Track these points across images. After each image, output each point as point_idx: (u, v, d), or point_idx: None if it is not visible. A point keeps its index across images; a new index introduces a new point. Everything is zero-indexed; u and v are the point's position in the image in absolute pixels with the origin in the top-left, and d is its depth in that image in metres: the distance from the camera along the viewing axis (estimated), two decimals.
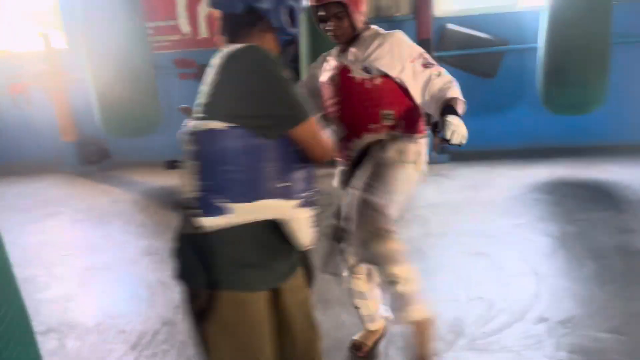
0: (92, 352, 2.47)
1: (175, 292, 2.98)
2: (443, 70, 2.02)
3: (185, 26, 5.65)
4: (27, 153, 6.33)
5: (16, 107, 6.13)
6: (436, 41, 5.25)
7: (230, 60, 1.28)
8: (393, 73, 2.00)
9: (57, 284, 3.19)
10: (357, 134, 2.07)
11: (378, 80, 2.02)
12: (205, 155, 1.30)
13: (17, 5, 6.07)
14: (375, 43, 2.03)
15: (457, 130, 1.81)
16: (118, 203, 4.76)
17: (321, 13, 2.01)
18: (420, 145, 2.11)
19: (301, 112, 1.30)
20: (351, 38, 2.08)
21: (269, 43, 1.39)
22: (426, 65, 2.01)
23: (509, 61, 5.31)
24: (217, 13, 1.42)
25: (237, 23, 1.38)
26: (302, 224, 1.37)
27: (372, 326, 2.29)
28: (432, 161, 5.21)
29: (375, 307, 2.27)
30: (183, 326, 2.63)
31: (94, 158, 6.01)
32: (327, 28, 2.03)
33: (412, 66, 2.00)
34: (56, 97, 5.72)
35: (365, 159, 2.07)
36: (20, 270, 1.48)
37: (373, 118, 2.05)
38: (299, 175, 1.35)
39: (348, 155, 2.13)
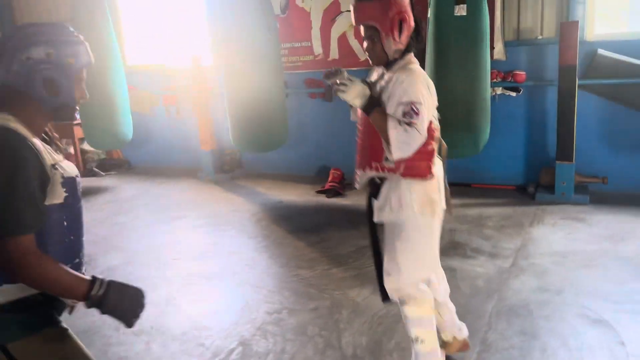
0: None
1: (259, 313, 3.01)
2: (412, 121, 1.93)
3: (318, 48, 5.80)
4: (173, 158, 6.99)
5: (168, 117, 6.82)
6: (583, 68, 4.68)
7: None
8: (390, 111, 1.98)
9: (162, 287, 3.42)
10: (362, 166, 2.15)
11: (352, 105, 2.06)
12: None
13: (174, 26, 6.76)
14: (394, 77, 2.02)
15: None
16: (237, 212, 5.00)
17: (362, 32, 2.09)
18: (420, 192, 2.06)
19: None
20: (385, 63, 2.09)
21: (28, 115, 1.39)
22: (404, 117, 1.94)
23: None
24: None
25: None
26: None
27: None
28: (568, 202, 4.70)
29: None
30: (257, 349, 2.63)
31: (227, 167, 6.42)
32: (364, 47, 2.11)
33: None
34: (199, 110, 6.23)
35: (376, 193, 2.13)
36: (136, 269, 1.56)
37: (377, 157, 2.07)
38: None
39: (356, 181, 2.25)
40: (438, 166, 2.16)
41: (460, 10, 4.02)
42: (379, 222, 2.17)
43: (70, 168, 1.43)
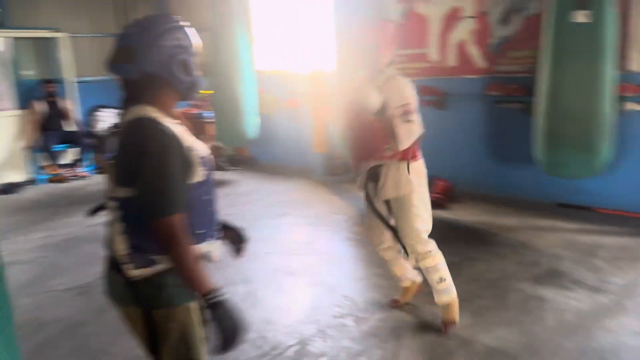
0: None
1: (326, 315, 3.07)
2: (411, 118, 2.66)
3: (435, 54, 5.67)
4: (291, 158, 7.33)
5: (289, 119, 7.17)
6: None
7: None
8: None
9: (248, 278, 3.65)
10: (365, 158, 2.76)
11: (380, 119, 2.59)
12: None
13: (300, 33, 7.07)
14: (386, 83, 2.63)
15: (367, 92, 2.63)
16: (337, 215, 5.11)
17: None
18: (415, 169, 2.83)
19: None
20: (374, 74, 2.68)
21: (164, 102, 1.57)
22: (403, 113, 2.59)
23: None
24: None
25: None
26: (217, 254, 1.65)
27: (403, 284, 3.09)
28: None
29: (401, 271, 3.03)
30: (312, 350, 2.70)
31: (337, 170, 6.57)
32: None
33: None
34: (316, 114, 6.47)
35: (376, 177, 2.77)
36: (229, 257, 1.77)
37: (379, 149, 2.66)
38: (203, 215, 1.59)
39: (357, 169, 2.88)
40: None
41: (581, 17, 3.65)
42: (386, 199, 2.79)
43: (202, 147, 1.59)
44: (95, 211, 1.73)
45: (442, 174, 5.67)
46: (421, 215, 2.76)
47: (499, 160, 5.38)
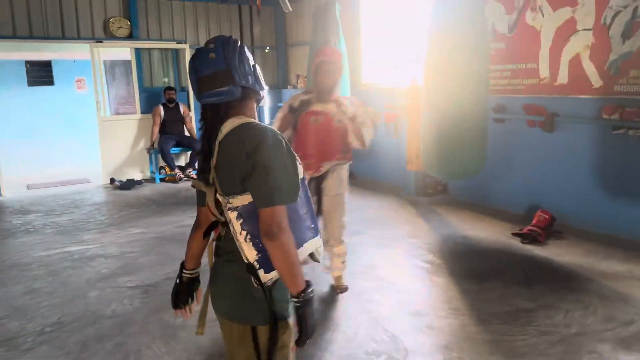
0: None
1: (358, 350, 2.85)
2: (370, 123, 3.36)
3: (545, 70, 5.06)
4: (385, 174, 7.10)
5: (387, 134, 6.95)
6: None
7: None
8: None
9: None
10: (328, 159, 3.39)
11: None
12: None
13: (403, 47, 6.82)
14: (342, 99, 3.40)
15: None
16: (413, 238, 4.80)
17: None
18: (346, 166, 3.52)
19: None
20: (327, 90, 3.35)
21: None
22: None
23: None
24: None
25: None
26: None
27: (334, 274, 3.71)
28: None
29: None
30: None
31: (429, 190, 6.20)
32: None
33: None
34: (411, 130, 6.17)
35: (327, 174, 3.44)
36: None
37: (338, 152, 3.41)
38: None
39: (319, 170, 3.39)
40: None
41: None
42: (335, 194, 3.48)
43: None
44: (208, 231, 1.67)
45: (543, 203, 5.07)
46: (346, 211, 3.57)
47: (612, 194, 4.64)
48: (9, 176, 7.55)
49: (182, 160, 8.45)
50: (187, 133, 8.23)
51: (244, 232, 1.49)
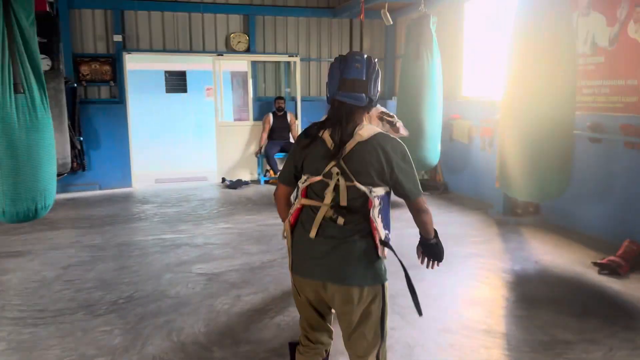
0: None
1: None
2: None
3: None
4: (476, 189, 6.89)
5: (482, 148, 6.76)
6: None
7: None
8: None
9: None
10: None
11: None
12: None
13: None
14: None
15: None
16: (484, 259, 4.65)
17: None
18: None
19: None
20: None
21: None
22: None
23: None
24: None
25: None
26: None
27: None
28: None
29: None
30: None
31: (518, 210, 5.91)
32: None
33: None
34: (501, 145, 5.94)
35: None
36: None
37: None
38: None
39: None
40: None
41: None
42: None
43: None
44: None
45: (637, 233, 4.60)
46: None
47: None
48: (141, 171, 8.75)
49: None
50: (292, 140, 8.76)
51: (380, 216, 1.93)
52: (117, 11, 8.05)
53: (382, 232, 1.94)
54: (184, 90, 10.85)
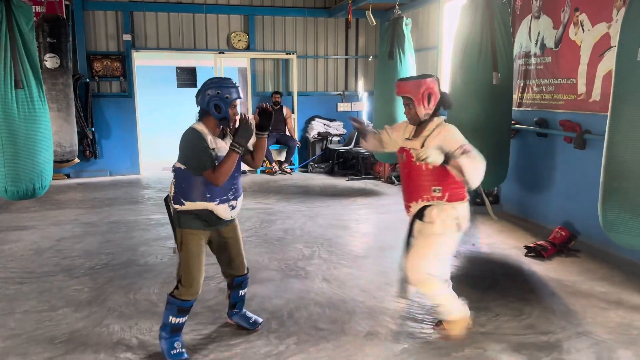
0: None
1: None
2: (473, 154, 2.64)
3: (582, 86, 4.93)
4: None
5: None
6: None
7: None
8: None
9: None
10: (415, 199, 2.95)
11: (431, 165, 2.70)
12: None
13: None
14: (437, 132, 2.85)
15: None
16: None
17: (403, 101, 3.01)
18: (459, 210, 2.90)
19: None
20: (418, 123, 2.96)
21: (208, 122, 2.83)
22: (463, 152, 2.64)
23: None
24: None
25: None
26: (221, 212, 2.86)
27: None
28: None
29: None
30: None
31: (478, 200, 6.30)
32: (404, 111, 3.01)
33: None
34: None
35: (422, 215, 2.94)
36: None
37: (427, 191, 2.89)
38: (218, 189, 2.82)
39: (409, 210, 3.02)
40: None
41: None
42: (426, 234, 2.95)
43: (223, 151, 2.79)
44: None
45: (574, 220, 5.00)
46: (431, 258, 2.91)
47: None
48: (150, 160, 9.49)
49: (283, 156, 9.58)
50: (287, 132, 9.32)
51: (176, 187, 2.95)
52: (126, 12, 8.77)
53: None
54: (194, 85, 11.54)
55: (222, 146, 2.83)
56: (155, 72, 11.58)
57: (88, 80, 8.60)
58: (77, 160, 7.90)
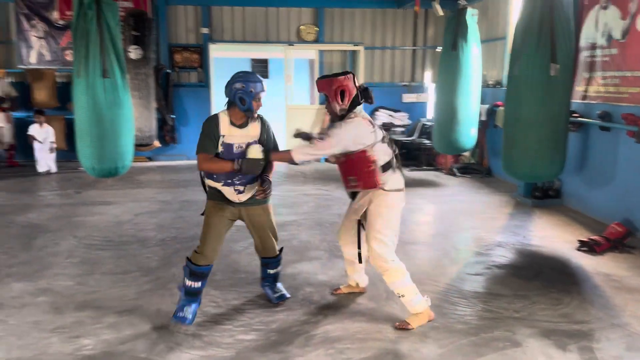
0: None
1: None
2: (317, 143, 3.08)
3: None
4: None
5: None
6: None
7: None
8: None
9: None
10: (345, 186, 3.37)
11: (342, 158, 3.17)
12: None
13: None
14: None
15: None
16: (476, 231, 5.18)
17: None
18: (384, 194, 3.20)
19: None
20: (338, 118, 3.16)
21: (233, 112, 3.13)
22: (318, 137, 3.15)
23: None
24: None
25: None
26: (227, 193, 3.17)
27: (348, 281, 3.70)
28: None
29: (351, 271, 3.62)
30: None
31: (537, 193, 6.22)
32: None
33: None
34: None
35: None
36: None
37: (346, 181, 3.29)
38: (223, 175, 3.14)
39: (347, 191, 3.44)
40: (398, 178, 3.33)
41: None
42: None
43: (235, 139, 3.11)
44: None
45: (633, 216, 4.87)
46: (381, 239, 3.20)
47: None
48: None
49: None
50: None
51: None
52: (205, 7, 9.36)
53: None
54: (266, 76, 12.06)
55: (236, 134, 3.10)
56: (231, 64, 12.17)
57: (169, 71, 9.29)
58: (158, 144, 8.61)
